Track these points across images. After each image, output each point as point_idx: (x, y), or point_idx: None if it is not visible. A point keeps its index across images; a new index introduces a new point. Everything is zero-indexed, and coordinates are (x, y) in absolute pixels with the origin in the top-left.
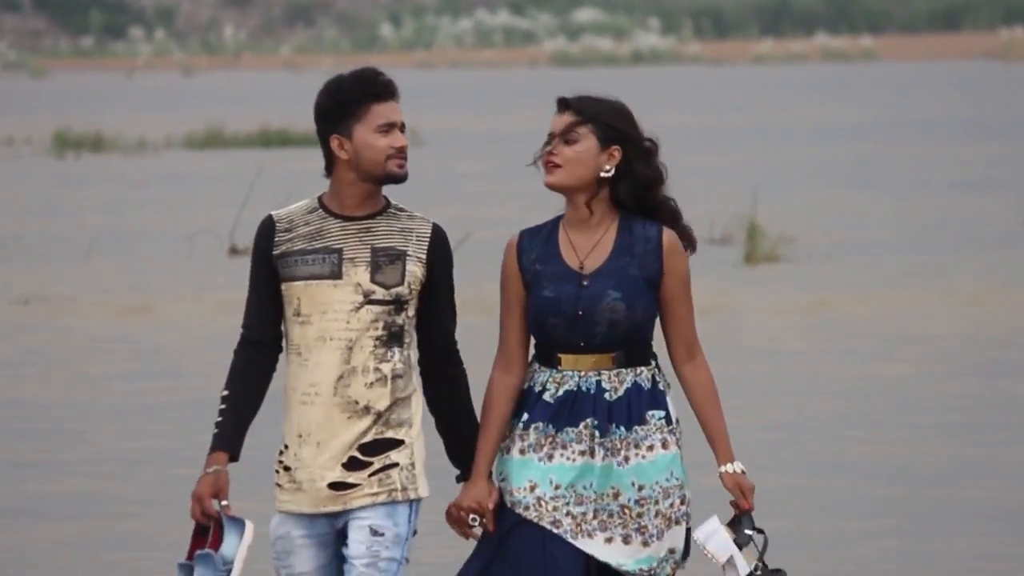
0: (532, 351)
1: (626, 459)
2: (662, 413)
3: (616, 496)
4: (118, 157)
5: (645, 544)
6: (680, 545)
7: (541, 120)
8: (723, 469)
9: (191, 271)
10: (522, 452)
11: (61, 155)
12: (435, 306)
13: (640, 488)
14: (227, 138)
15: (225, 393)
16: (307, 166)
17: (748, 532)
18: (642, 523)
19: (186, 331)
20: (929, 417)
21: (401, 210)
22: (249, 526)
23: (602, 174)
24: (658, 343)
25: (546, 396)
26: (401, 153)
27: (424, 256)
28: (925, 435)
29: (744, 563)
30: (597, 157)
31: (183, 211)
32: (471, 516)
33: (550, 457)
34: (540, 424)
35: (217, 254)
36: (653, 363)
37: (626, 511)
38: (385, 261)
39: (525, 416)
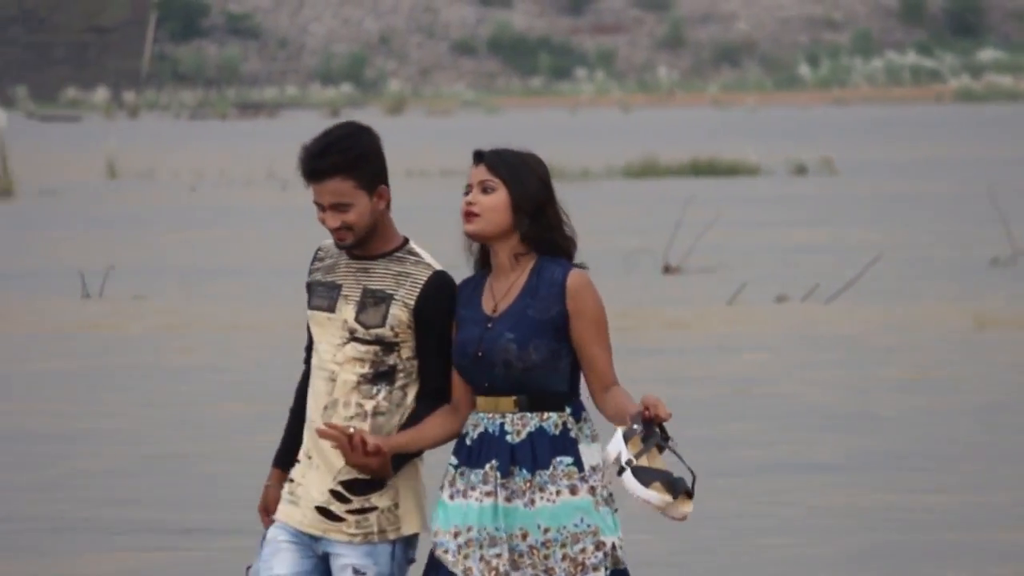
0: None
1: (532, 501)
2: (570, 459)
3: (524, 537)
4: (563, 185)
5: None
6: None
7: (947, 150)
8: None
9: (629, 288)
10: (443, 492)
11: None
12: (423, 352)
13: (546, 531)
14: (660, 168)
15: (290, 411)
16: (732, 193)
17: (655, 438)
18: (548, 564)
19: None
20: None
21: (412, 254)
22: None
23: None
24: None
25: (467, 440)
26: (333, 231)
27: (412, 302)
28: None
29: (627, 452)
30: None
31: (622, 233)
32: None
33: (464, 497)
34: (461, 467)
35: (652, 272)
36: (568, 411)
37: (534, 552)
38: (371, 302)
39: (453, 460)
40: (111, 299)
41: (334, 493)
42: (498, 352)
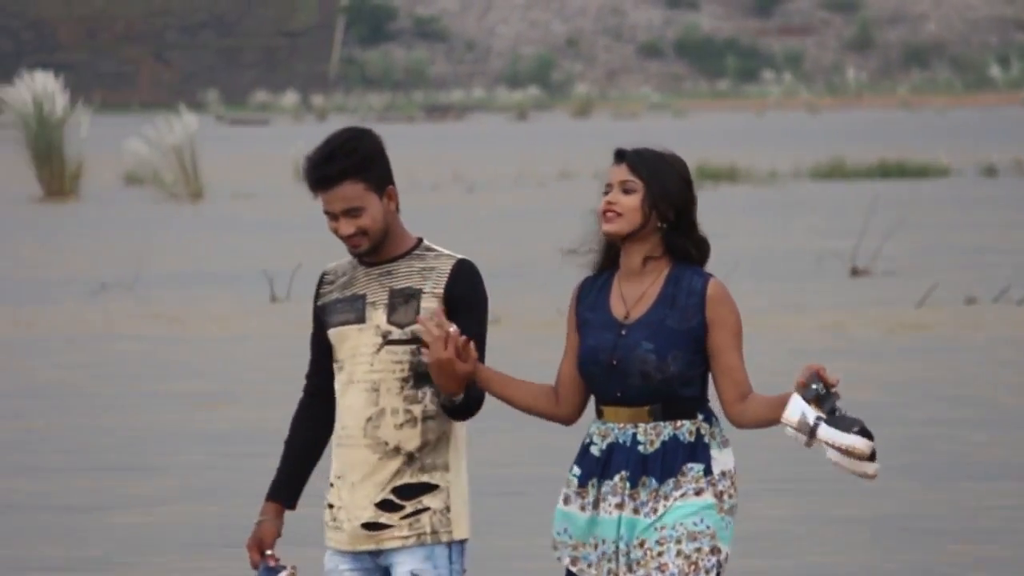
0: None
1: (655, 511)
2: (701, 466)
3: (642, 544)
4: (750, 187)
5: None
6: None
7: None
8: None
9: (815, 290)
10: (566, 502)
11: (700, 185)
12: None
13: (662, 528)
14: (848, 170)
15: (285, 443)
16: (921, 194)
17: (833, 399)
18: (662, 561)
19: (784, 343)
20: None
21: (430, 250)
22: (284, 574)
23: (661, 224)
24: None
25: (593, 449)
26: (347, 239)
27: (442, 291)
28: None
29: (812, 412)
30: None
31: (809, 236)
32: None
33: (585, 508)
34: (588, 477)
35: (840, 274)
36: (700, 417)
37: (648, 552)
38: (400, 301)
39: (576, 469)
40: (297, 300)
41: (382, 504)
42: (635, 362)
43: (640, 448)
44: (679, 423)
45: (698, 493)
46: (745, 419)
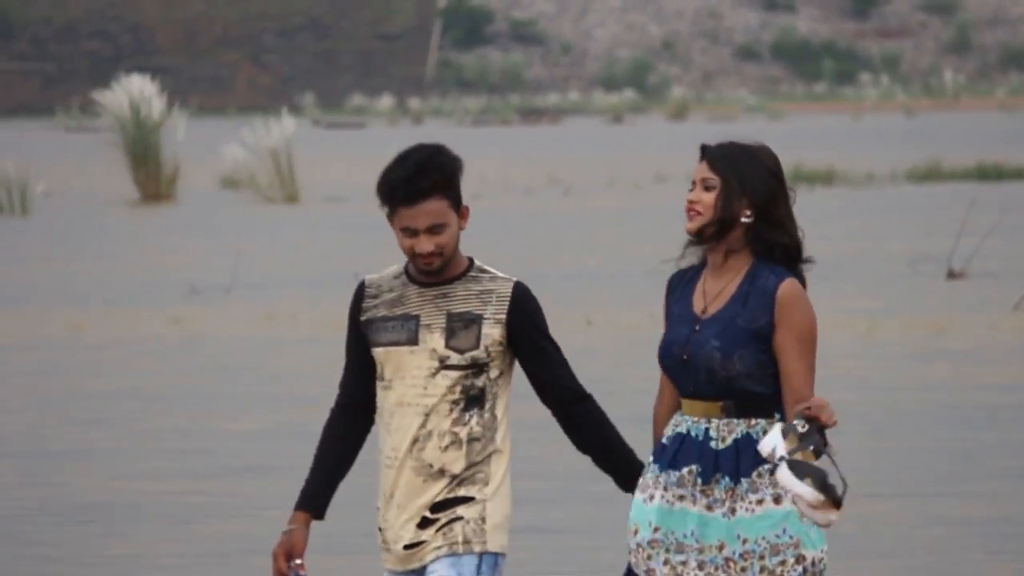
0: None
1: (732, 511)
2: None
3: (721, 548)
4: (847, 189)
5: None
6: None
7: None
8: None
9: (910, 293)
10: (637, 493)
11: (796, 187)
12: (535, 361)
13: (744, 541)
14: (945, 172)
15: (316, 453)
16: (1018, 197)
17: (813, 440)
18: None
19: (879, 346)
20: None
21: (484, 272)
22: None
23: (742, 219)
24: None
25: (663, 439)
26: (424, 256)
27: (504, 317)
28: None
29: (782, 447)
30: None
31: (906, 238)
32: None
33: (651, 498)
34: (653, 465)
35: (936, 277)
36: (777, 416)
37: (730, 564)
38: (460, 326)
39: (650, 458)
40: None
41: (421, 523)
42: (702, 358)
43: (712, 443)
44: (753, 421)
45: (776, 500)
46: None
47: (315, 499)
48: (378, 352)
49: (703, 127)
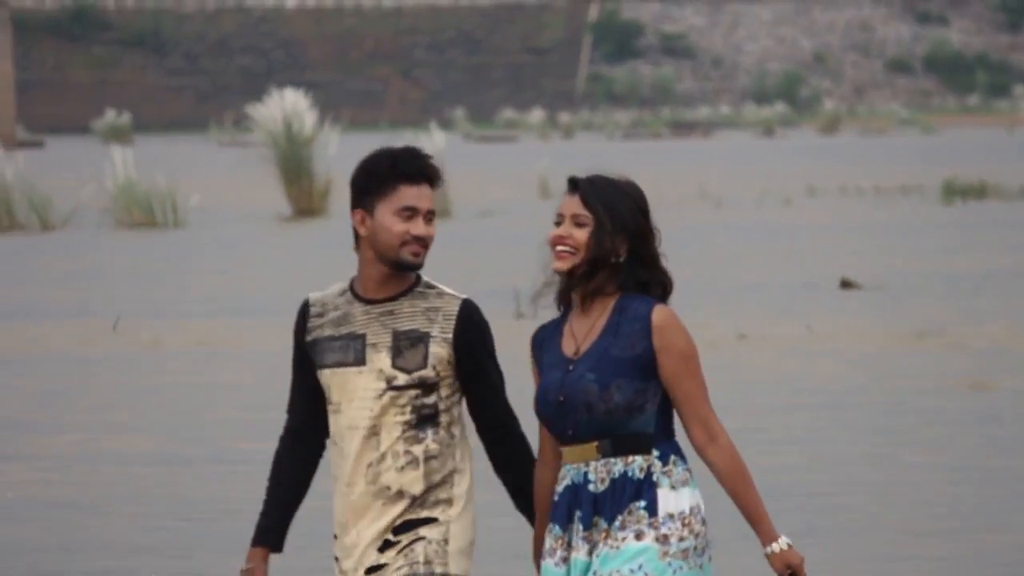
0: None
1: (600, 552)
2: (643, 503)
3: None
4: (999, 204)
5: None
6: None
7: None
8: (768, 551)
9: None
10: (543, 558)
11: (949, 202)
12: (475, 382)
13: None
14: None
15: (268, 484)
16: None
17: None
18: None
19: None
20: None
21: (431, 287)
22: None
23: (614, 259)
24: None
25: (555, 496)
26: (419, 241)
27: (450, 336)
28: None
29: None
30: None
31: None
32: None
33: (564, 560)
34: (553, 526)
35: None
36: (655, 453)
37: None
38: (407, 344)
39: (550, 523)
40: (544, 317)
41: (382, 546)
42: (579, 394)
43: (591, 487)
44: (630, 459)
45: (638, 536)
46: (715, 476)
47: (271, 533)
48: (324, 374)
49: (855, 141)
